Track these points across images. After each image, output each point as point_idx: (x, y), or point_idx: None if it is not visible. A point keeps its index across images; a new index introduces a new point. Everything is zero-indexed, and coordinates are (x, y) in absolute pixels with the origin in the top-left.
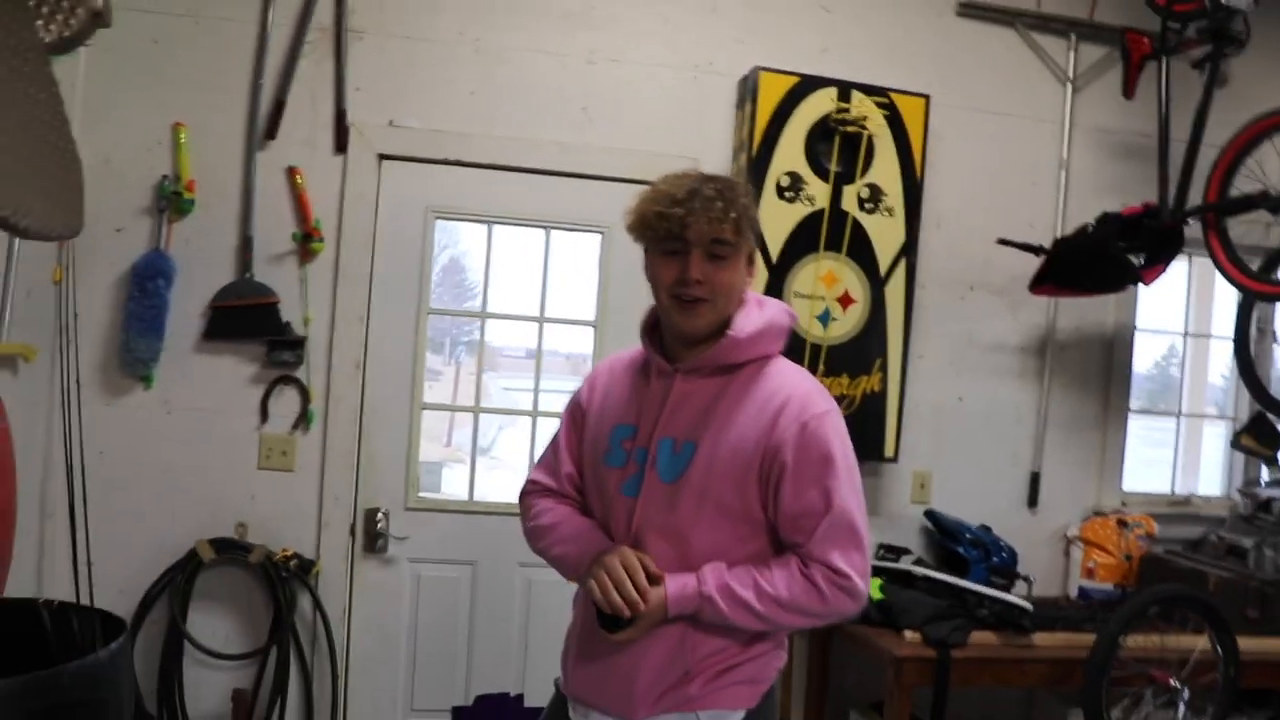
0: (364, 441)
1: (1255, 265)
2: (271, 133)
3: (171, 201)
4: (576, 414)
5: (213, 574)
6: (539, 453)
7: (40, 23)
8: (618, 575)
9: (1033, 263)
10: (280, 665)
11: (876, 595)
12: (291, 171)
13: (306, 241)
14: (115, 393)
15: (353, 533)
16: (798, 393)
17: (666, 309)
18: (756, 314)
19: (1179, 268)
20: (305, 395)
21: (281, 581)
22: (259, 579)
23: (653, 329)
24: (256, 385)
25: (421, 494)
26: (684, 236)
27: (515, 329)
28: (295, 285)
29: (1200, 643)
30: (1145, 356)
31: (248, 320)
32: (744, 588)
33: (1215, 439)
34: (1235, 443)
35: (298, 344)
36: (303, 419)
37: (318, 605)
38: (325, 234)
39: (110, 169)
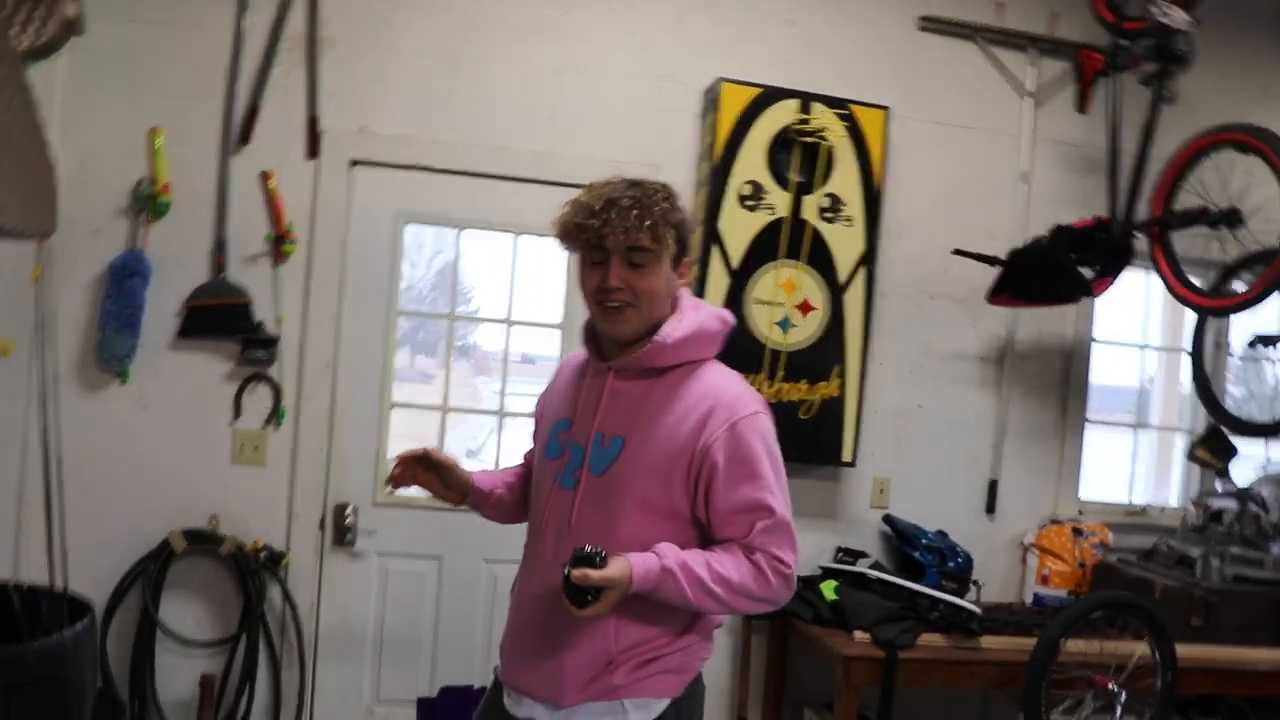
0: (334, 438)
1: (1210, 279)
2: (246, 137)
3: (148, 203)
4: (538, 412)
5: (185, 564)
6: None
7: (14, 30)
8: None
9: (992, 273)
10: (249, 653)
11: (831, 596)
12: (265, 176)
13: (279, 244)
14: (92, 388)
15: (322, 526)
16: (725, 396)
17: (595, 315)
18: (689, 319)
19: (1147, 281)
20: (277, 393)
21: (252, 573)
22: (230, 570)
23: (593, 330)
24: (230, 382)
25: (390, 490)
26: (603, 246)
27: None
28: (268, 286)
29: (1140, 649)
30: (1121, 369)
31: (222, 319)
32: (699, 566)
33: (1175, 451)
34: (1190, 455)
35: (270, 343)
36: (274, 415)
37: (287, 596)
38: (298, 236)
39: (88, 172)
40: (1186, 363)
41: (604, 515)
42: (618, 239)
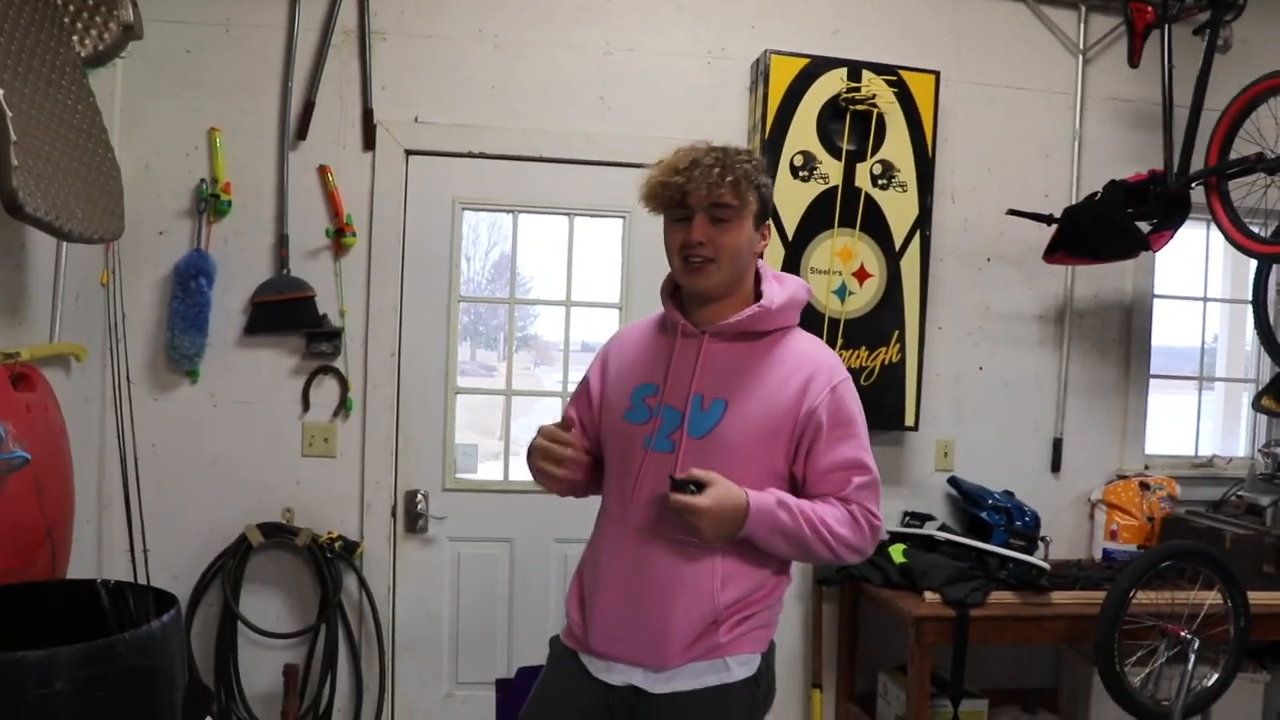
0: (401, 426)
1: (1270, 228)
2: (302, 133)
3: (210, 203)
4: (586, 391)
5: (262, 557)
6: None
7: (75, 38)
8: None
9: (1047, 233)
10: (329, 643)
11: (900, 559)
12: (323, 170)
13: (339, 236)
14: (163, 388)
15: (394, 514)
16: (824, 363)
17: (679, 271)
18: (787, 286)
19: (1207, 234)
20: (344, 384)
21: (328, 563)
22: (306, 561)
23: (674, 292)
24: (297, 376)
25: (459, 475)
26: (686, 203)
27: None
28: (330, 279)
29: (1211, 597)
30: (1184, 326)
31: (286, 314)
32: (808, 508)
33: (1242, 404)
34: (1256, 404)
35: (335, 335)
36: (342, 407)
37: (363, 584)
38: (357, 228)
39: (150, 175)
40: (1250, 314)
41: None
42: (700, 195)
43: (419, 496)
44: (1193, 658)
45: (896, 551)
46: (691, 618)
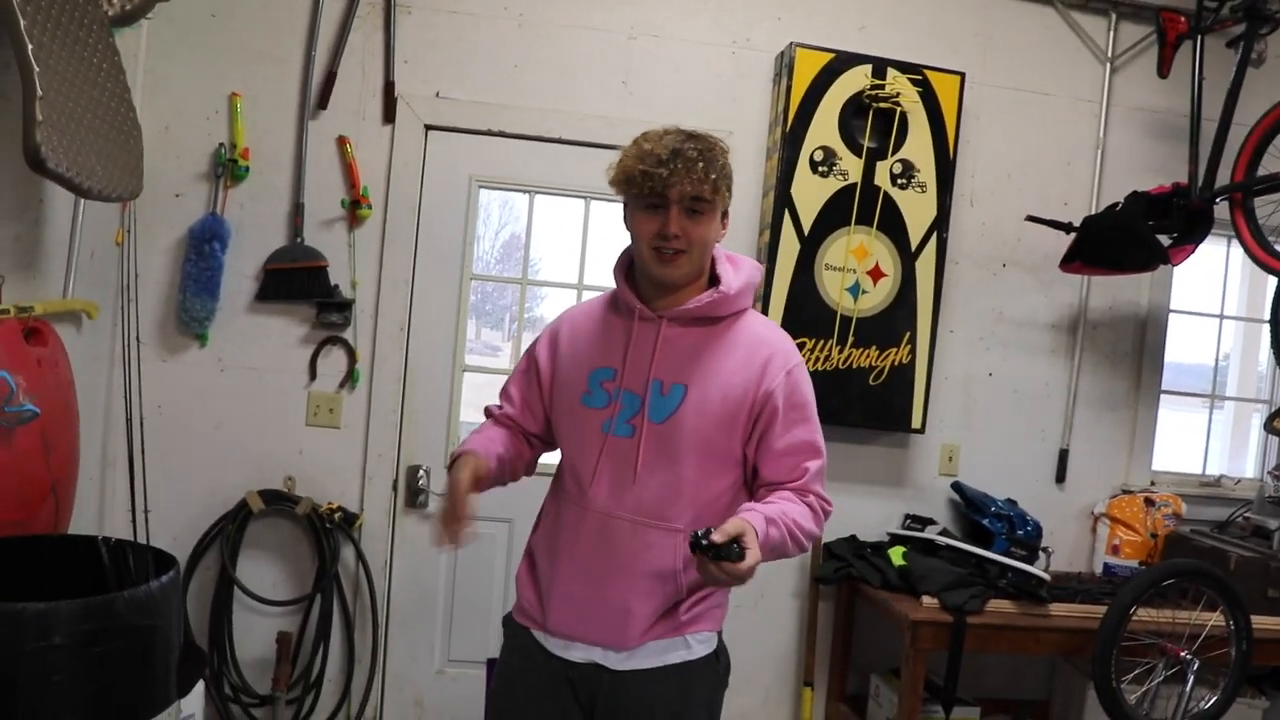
0: (407, 401)
1: None
2: (323, 103)
3: (228, 168)
4: (533, 367)
5: (262, 524)
6: None
7: None
8: None
9: (1065, 241)
10: (324, 612)
11: (899, 562)
12: (342, 140)
13: (355, 208)
14: (172, 350)
15: (395, 488)
16: (780, 346)
17: (649, 260)
18: (742, 270)
19: (1227, 250)
20: (352, 355)
21: (326, 533)
22: (305, 530)
23: (627, 274)
24: (306, 345)
25: None
26: (665, 194)
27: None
28: (344, 250)
29: (1213, 619)
30: (1197, 343)
31: (298, 283)
32: (783, 516)
33: (1253, 424)
34: (1268, 426)
35: (345, 306)
36: (349, 378)
37: (360, 556)
38: (373, 201)
39: (170, 136)
40: (1265, 336)
41: (666, 461)
42: (683, 189)
43: (421, 471)
44: (1191, 679)
45: (896, 554)
46: (654, 599)
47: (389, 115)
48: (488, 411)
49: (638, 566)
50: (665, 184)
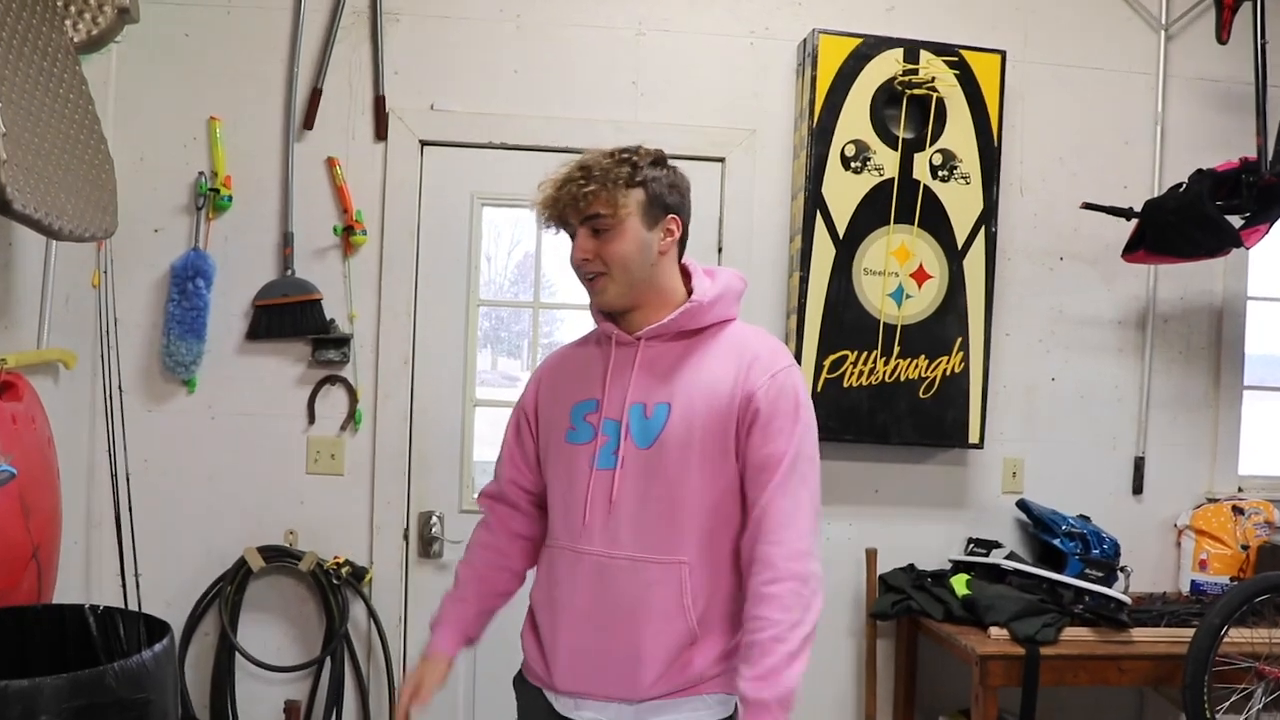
0: (415, 441)
1: None
2: (309, 123)
3: (209, 199)
4: (522, 418)
5: (263, 583)
6: None
7: (69, 22)
8: None
9: (1127, 228)
10: (335, 677)
11: (963, 591)
12: (331, 162)
13: (348, 234)
14: (157, 398)
15: (406, 537)
16: (765, 349)
17: (585, 288)
18: (719, 280)
19: None
20: (353, 395)
21: (334, 590)
22: (311, 587)
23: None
24: (302, 386)
25: (477, 495)
26: (567, 220)
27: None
28: (339, 280)
29: None
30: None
31: (291, 318)
32: (772, 656)
33: None
34: None
35: (343, 341)
36: (351, 420)
37: (372, 614)
38: (368, 226)
39: (145, 167)
40: None
41: (659, 488)
42: (574, 210)
43: (434, 518)
44: None
45: (959, 582)
46: (665, 639)
47: (381, 132)
48: (483, 495)
49: (641, 608)
50: (559, 211)
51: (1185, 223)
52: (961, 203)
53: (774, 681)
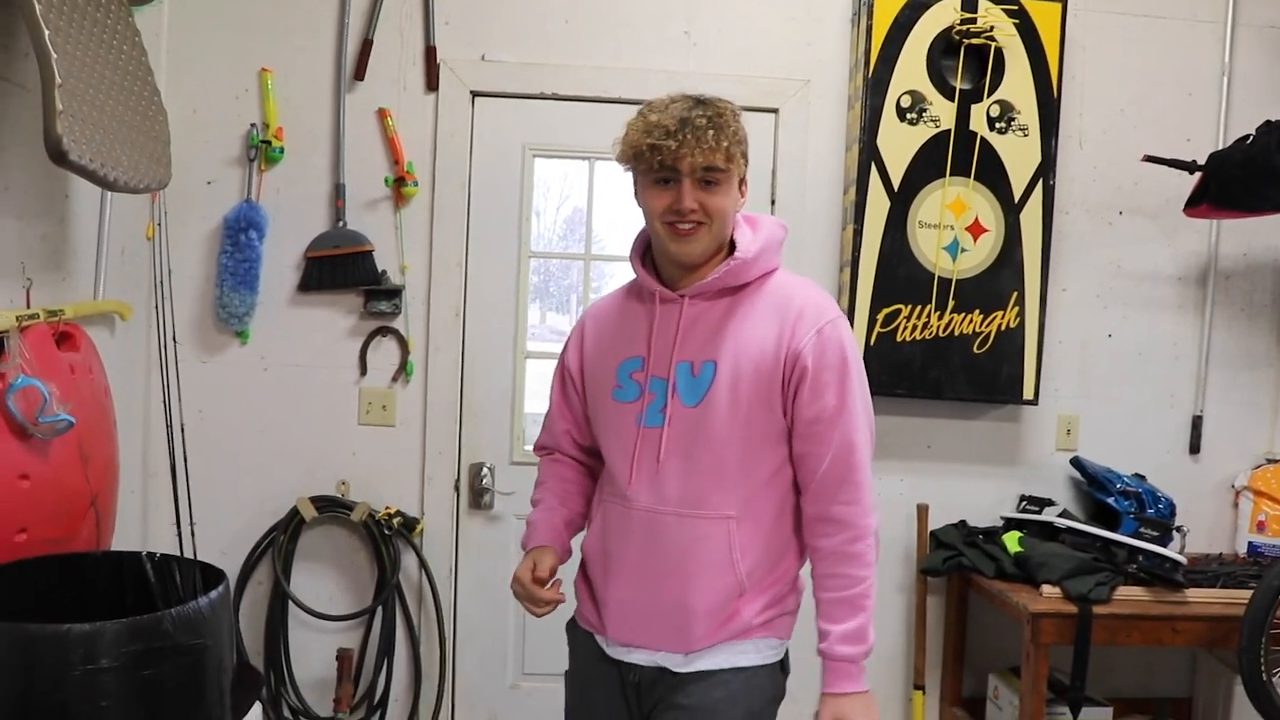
0: (466, 393)
1: None
2: (360, 74)
3: (261, 150)
4: (565, 375)
5: (315, 533)
6: None
7: None
8: None
9: (1189, 182)
10: (386, 626)
11: (1015, 549)
12: (382, 113)
13: (399, 186)
14: (211, 349)
15: (457, 489)
16: (811, 301)
17: (660, 236)
18: (761, 231)
19: None
20: (404, 346)
21: (385, 540)
22: (362, 538)
23: (643, 255)
24: (354, 337)
25: (528, 447)
26: (676, 167)
27: None
28: (390, 232)
29: None
30: None
31: (343, 270)
32: (845, 606)
33: None
34: None
35: (395, 293)
36: (402, 371)
37: (423, 564)
38: (419, 177)
39: (198, 119)
40: None
41: (707, 445)
42: (694, 161)
43: (484, 470)
44: None
45: (1011, 539)
46: (713, 593)
47: (432, 83)
48: (538, 447)
49: (690, 561)
50: (675, 156)
51: (1252, 177)
52: (1019, 155)
53: (863, 637)
